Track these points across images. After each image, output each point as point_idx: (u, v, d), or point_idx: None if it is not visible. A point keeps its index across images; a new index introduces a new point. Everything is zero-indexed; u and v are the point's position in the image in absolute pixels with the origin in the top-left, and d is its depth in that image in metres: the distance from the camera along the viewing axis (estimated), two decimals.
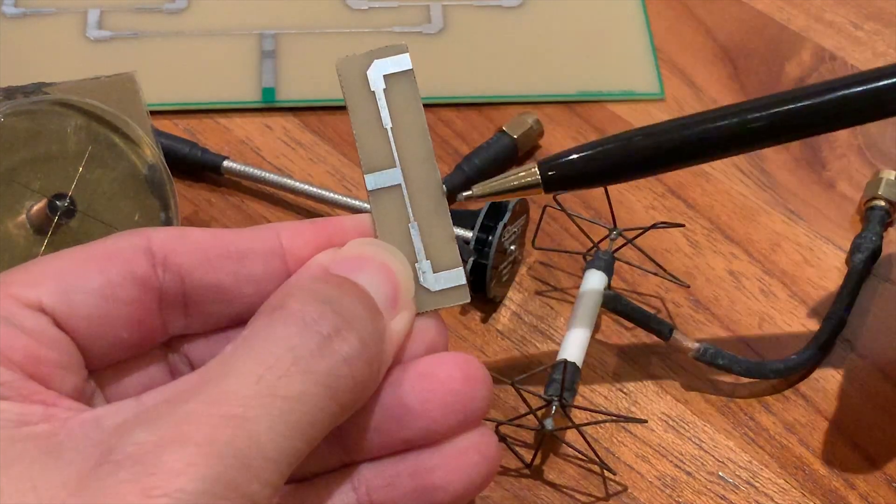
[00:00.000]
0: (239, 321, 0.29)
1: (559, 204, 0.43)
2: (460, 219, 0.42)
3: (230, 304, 0.28)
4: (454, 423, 0.28)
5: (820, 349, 0.41)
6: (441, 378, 0.28)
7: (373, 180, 0.29)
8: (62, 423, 0.24)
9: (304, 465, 0.28)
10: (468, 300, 0.29)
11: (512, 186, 0.32)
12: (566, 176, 0.33)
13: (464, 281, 0.29)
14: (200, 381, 0.24)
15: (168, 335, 0.29)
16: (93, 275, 0.26)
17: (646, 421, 0.40)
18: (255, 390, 0.24)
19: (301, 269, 0.28)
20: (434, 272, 0.29)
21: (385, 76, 0.29)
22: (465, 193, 0.30)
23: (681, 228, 0.45)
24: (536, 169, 0.32)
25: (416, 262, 0.29)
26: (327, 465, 0.28)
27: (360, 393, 0.26)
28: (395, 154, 0.29)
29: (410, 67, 0.29)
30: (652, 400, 0.41)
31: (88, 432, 0.23)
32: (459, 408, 0.28)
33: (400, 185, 0.29)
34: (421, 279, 0.29)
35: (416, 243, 0.29)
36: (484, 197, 0.30)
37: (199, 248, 0.28)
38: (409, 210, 0.29)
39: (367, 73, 0.29)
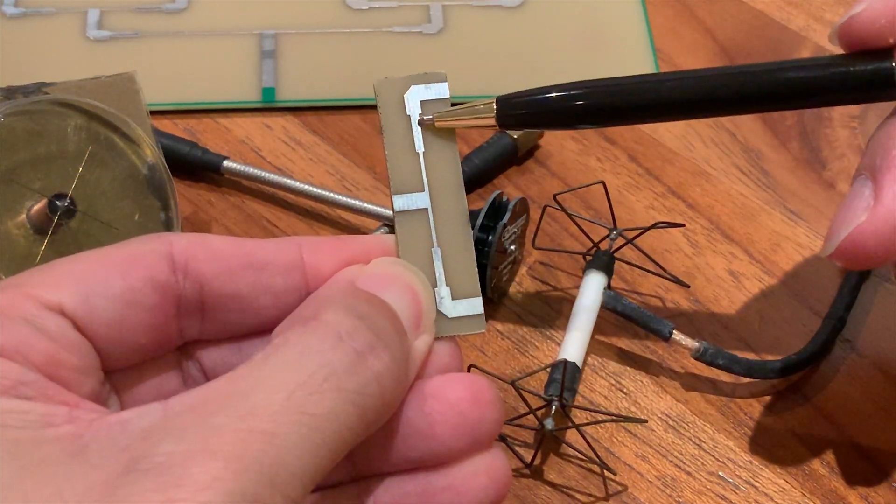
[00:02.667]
0: (254, 331, 0.29)
1: (559, 204, 0.43)
2: None
3: (247, 314, 0.28)
4: (463, 445, 0.28)
5: (820, 349, 0.41)
6: (450, 400, 0.28)
7: (400, 202, 0.29)
8: (87, 425, 0.24)
9: None
10: (483, 330, 0.29)
11: (468, 114, 0.32)
12: (522, 115, 0.33)
13: (481, 311, 0.29)
14: (230, 391, 0.24)
15: (183, 340, 0.29)
16: (115, 279, 0.26)
17: (646, 421, 0.40)
18: (285, 406, 0.24)
19: (328, 282, 0.28)
20: (452, 299, 0.29)
21: (422, 102, 0.30)
22: (426, 117, 0.30)
23: (681, 228, 0.45)
24: (494, 104, 0.33)
25: (436, 286, 0.29)
26: (336, 478, 0.28)
27: (385, 411, 0.26)
28: (425, 178, 0.29)
29: (448, 96, 0.30)
30: (652, 400, 0.41)
31: (115, 436, 0.23)
32: (468, 430, 0.28)
33: (426, 209, 0.29)
34: (439, 304, 0.29)
35: (438, 268, 0.29)
36: (444, 125, 0.30)
37: (220, 257, 0.28)
38: (434, 234, 0.29)
39: (405, 96, 0.30)
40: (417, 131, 0.30)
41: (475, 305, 0.29)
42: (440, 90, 0.30)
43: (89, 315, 0.26)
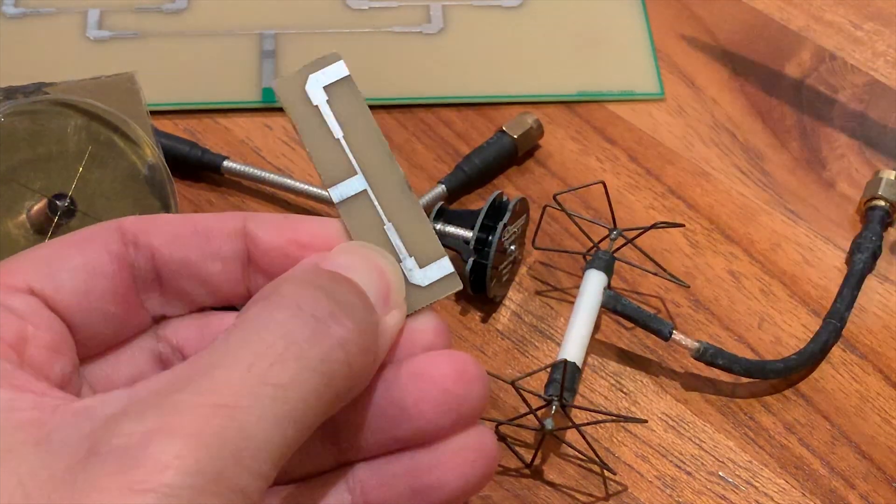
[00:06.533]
0: (215, 304, 0.29)
1: (559, 204, 0.43)
2: (460, 219, 0.42)
3: (200, 281, 0.29)
4: (448, 423, 0.28)
5: (820, 349, 0.41)
6: (434, 377, 0.28)
7: (337, 192, 0.29)
8: (52, 412, 0.23)
9: (299, 465, 0.28)
10: (461, 287, 0.29)
11: None
12: None
13: (451, 269, 0.29)
14: (191, 371, 0.24)
15: (149, 315, 0.29)
16: (73, 255, 0.27)
17: (646, 421, 0.40)
18: (245, 378, 0.23)
19: (292, 268, 0.28)
20: (420, 267, 0.29)
21: (325, 87, 0.29)
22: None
23: (681, 228, 0.45)
24: None
25: (401, 261, 0.29)
26: (322, 465, 0.28)
27: (355, 381, 0.26)
28: (353, 161, 0.29)
29: (348, 74, 0.29)
30: (652, 400, 0.41)
31: (79, 422, 0.23)
32: (453, 407, 0.28)
33: (365, 190, 0.29)
34: (409, 277, 0.29)
35: (396, 243, 0.29)
36: None
37: (167, 229, 0.29)
38: (381, 212, 0.29)
39: (306, 88, 0.29)
40: (330, 118, 0.29)
41: (444, 266, 0.29)
42: (338, 70, 0.29)
43: (57, 290, 0.27)
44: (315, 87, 0.29)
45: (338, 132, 0.29)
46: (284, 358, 0.24)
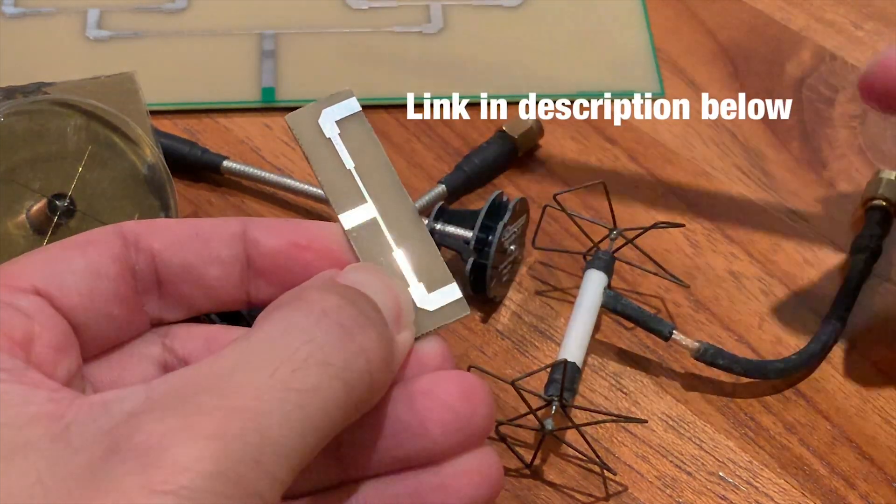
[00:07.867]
0: (213, 306, 0.29)
1: (559, 204, 0.43)
2: (460, 219, 0.42)
3: (199, 285, 0.29)
4: (454, 443, 0.28)
5: (820, 349, 0.41)
6: (441, 397, 0.28)
7: (348, 219, 0.30)
8: (68, 405, 0.23)
9: (304, 479, 0.28)
10: (468, 313, 0.29)
11: None
12: None
13: (459, 295, 0.29)
14: (213, 370, 0.24)
15: (149, 319, 0.29)
16: (76, 257, 0.27)
17: (646, 421, 0.40)
18: (269, 383, 0.23)
19: (311, 279, 0.28)
20: (429, 292, 0.29)
21: (337, 122, 0.30)
22: None
23: (681, 228, 0.45)
24: None
25: (409, 286, 0.29)
26: (327, 481, 0.28)
27: (373, 391, 0.26)
28: (364, 190, 0.30)
29: (360, 109, 0.30)
30: (652, 400, 0.41)
31: (96, 417, 0.23)
32: (459, 427, 0.27)
33: (375, 217, 0.30)
34: (418, 301, 0.29)
35: (405, 269, 0.29)
36: None
37: (167, 233, 0.29)
38: (390, 239, 0.30)
39: (319, 122, 0.30)
40: (342, 150, 0.30)
41: (453, 292, 0.29)
42: (350, 106, 0.30)
43: (62, 290, 0.27)
44: (328, 120, 0.30)
45: (349, 163, 0.30)
46: (308, 364, 0.24)
